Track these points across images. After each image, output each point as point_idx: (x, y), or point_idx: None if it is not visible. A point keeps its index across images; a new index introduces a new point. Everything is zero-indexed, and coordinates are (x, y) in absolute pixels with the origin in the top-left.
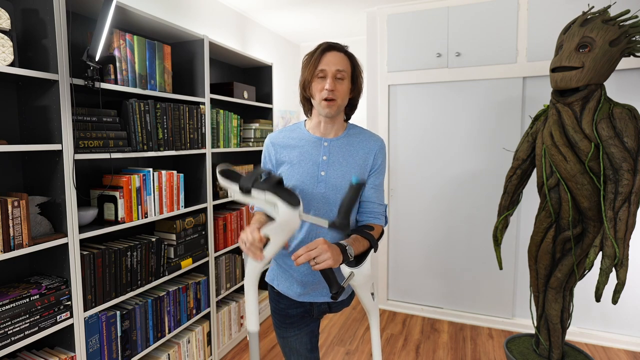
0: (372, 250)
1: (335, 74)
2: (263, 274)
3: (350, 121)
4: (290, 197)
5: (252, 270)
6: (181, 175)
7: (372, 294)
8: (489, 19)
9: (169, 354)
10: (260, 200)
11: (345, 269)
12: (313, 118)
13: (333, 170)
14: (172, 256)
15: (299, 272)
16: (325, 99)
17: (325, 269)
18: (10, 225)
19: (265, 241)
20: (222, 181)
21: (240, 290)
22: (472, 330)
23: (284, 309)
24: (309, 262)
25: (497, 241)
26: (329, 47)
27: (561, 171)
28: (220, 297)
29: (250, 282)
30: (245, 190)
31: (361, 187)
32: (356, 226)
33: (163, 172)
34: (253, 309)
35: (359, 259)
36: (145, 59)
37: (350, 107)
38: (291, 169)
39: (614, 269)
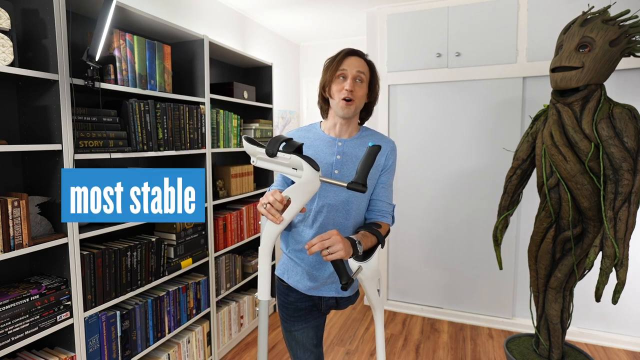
0: (380, 246)
1: (356, 76)
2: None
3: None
4: (312, 160)
5: (269, 235)
6: None
7: (378, 290)
8: (489, 19)
9: (169, 354)
10: (285, 162)
11: (354, 263)
12: (329, 119)
13: (346, 169)
14: (172, 256)
15: (310, 265)
16: (344, 99)
17: (337, 260)
18: (10, 225)
19: (285, 204)
20: (248, 146)
21: (240, 290)
22: (472, 330)
23: (293, 302)
24: (320, 253)
25: (497, 241)
26: (351, 52)
27: (561, 171)
28: (220, 297)
29: (265, 248)
30: (271, 154)
31: (377, 150)
32: (364, 224)
33: None
34: (266, 276)
35: (366, 254)
36: (145, 59)
37: (366, 112)
38: None
39: (614, 269)
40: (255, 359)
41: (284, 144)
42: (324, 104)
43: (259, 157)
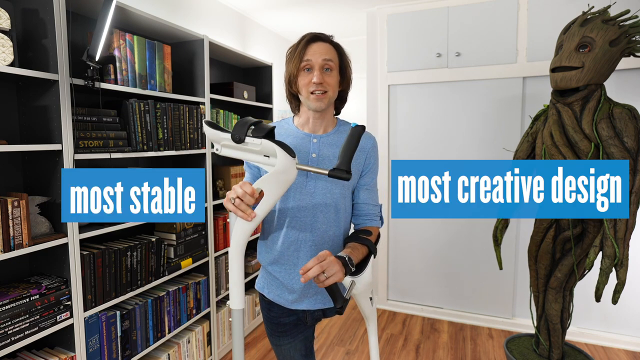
0: (372, 256)
1: (323, 65)
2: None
3: (344, 118)
4: (286, 146)
5: (239, 234)
6: None
7: (371, 298)
8: (489, 19)
9: (169, 354)
10: (255, 149)
11: (346, 279)
12: (301, 115)
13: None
14: (172, 256)
15: (289, 278)
16: (313, 92)
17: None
18: (10, 225)
19: (258, 197)
20: (210, 131)
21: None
22: (472, 330)
23: (276, 317)
24: (314, 280)
25: (497, 241)
26: (313, 38)
27: None
28: (220, 297)
29: (236, 250)
30: (238, 140)
31: (361, 131)
32: (352, 230)
33: None
34: (238, 282)
35: (359, 267)
36: (145, 59)
37: (340, 100)
38: None
39: (614, 269)
40: (255, 358)
41: (252, 127)
42: (293, 98)
43: (223, 144)
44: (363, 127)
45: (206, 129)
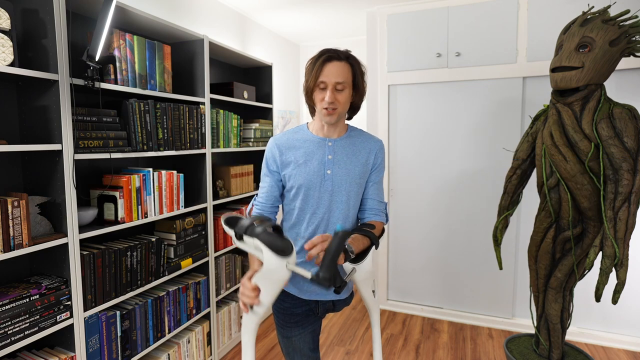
0: (374, 247)
1: (335, 86)
2: None
3: (350, 123)
4: (280, 245)
5: (249, 318)
6: (181, 175)
7: (373, 291)
8: (489, 19)
9: (169, 354)
10: (250, 246)
11: (348, 265)
12: (316, 121)
13: (338, 169)
14: (172, 256)
15: (306, 269)
16: (326, 108)
17: None
18: (10, 225)
19: (260, 289)
20: (225, 228)
21: None
22: (472, 330)
23: (289, 308)
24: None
25: (497, 241)
26: (328, 58)
27: (561, 171)
28: (220, 297)
29: (248, 332)
30: (239, 237)
31: (346, 235)
32: (358, 224)
33: (163, 172)
34: (249, 353)
35: (360, 256)
36: (145, 59)
37: (352, 109)
38: (297, 169)
39: (614, 269)
40: (255, 358)
41: (251, 226)
42: (310, 105)
43: (234, 239)
44: (349, 232)
45: (224, 227)
